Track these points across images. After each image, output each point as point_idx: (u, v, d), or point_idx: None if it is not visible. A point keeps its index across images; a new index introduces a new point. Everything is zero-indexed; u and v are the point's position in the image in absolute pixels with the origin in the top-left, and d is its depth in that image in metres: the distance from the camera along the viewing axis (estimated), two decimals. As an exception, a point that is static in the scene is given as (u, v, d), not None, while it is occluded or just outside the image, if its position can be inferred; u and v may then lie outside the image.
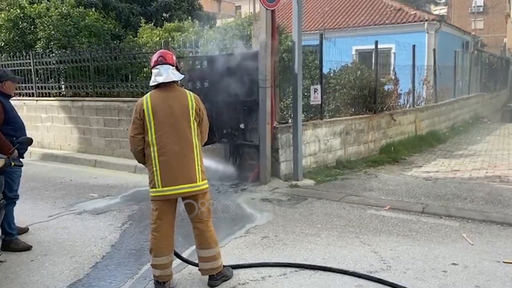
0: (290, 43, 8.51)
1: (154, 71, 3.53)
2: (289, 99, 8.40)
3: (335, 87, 9.11)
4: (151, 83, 3.54)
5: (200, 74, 7.46)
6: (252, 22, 8.24)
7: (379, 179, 7.32)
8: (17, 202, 4.65)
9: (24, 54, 10.38)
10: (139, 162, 3.62)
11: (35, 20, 10.69)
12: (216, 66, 6.85)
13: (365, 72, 9.59)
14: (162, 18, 13.30)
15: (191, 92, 3.58)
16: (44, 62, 10.15)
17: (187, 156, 3.45)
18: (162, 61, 3.50)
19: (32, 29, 10.73)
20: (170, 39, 9.56)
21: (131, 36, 11.68)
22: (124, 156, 8.88)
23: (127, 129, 8.46)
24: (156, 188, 3.46)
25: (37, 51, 10.35)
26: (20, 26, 10.79)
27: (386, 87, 9.99)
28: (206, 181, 3.56)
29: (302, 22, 7.02)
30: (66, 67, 10.18)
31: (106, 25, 11.13)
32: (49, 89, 10.32)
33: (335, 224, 5.16)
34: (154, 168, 3.43)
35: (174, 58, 3.60)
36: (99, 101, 9.37)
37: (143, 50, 9.33)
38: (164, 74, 3.46)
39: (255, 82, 6.77)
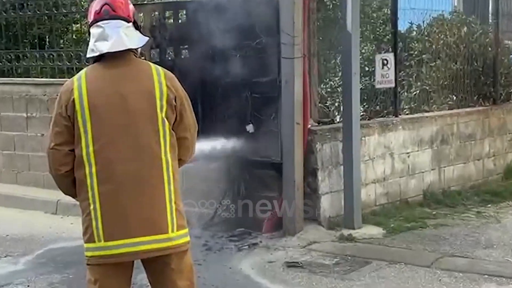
0: (337, -22, 8.52)
1: (94, 31, 3.52)
2: (337, 78, 8.36)
3: (421, 57, 9.09)
4: (89, 54, 3.55)
5: (174, 35, 7.50)
6: None
7: (504, 226, 7.24)
8: None
9: None
10: (65, 194, 3.64)
11: None
12: (203, 20, 6.89)
13: (476, 29, 9.53)
14: None
15: (159, 67, 3.57)
16: None
17: (151, 184, 3.44)
18: (108, 13, 3.49)
19: None
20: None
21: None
22: (38, 183, 8.92)
23: (43, 135, 8.56)
24: (94, 242, 3.43)
25: None
26: None
27: (514, 57, 9.95)
28: (185, 231, 3.53)
29: None
30: None
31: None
32: None
33: (422, 310, 5.12)
34: (92, 207, 3.41)
35: (130, 6, 3.60)
36: (-7, 85, 9.49)
37: (72, -8, 9.43)
38: (111, 37, 3.46)
39: (273, 49, 6.79)
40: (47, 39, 9.58)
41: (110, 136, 3.41)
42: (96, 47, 3.47)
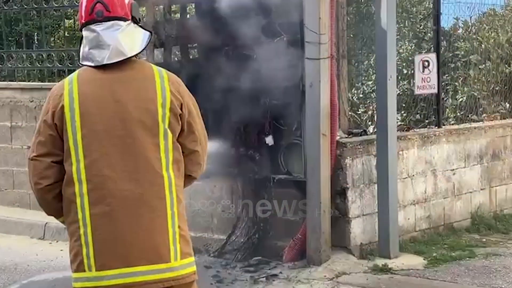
0: (370, -34, 8.52)
1: (86, 34, 3.50)
2: (370, 82, 8.34)
3: (468, 59, 9.05)
4: (83, 61, 3.53)
5: (181, 32, 7.52)
6: None
7: None
8: None
9: None
10: (48, 214, 3.62)
11: None
12: (214, 15, 6.91)
13: (533, 25, 9.51)
14: None
15: (163, 70, 3.56)
16: None
17: (151, 206, 3.42)
18: (101, 14, 3.47)
19: None
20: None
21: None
22: (23, 203, 8.95)
23: (28, 147, 8.52)
24: (84, 272, 3.43)
25: None
26: None
27: None
28: (191, 260, 3.52)
29: None
30: None
31: None
32: None
33: None
34: (82, 231, 3.41)
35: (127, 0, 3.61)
36: (-28, 90, 9.56)
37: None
38: (108, 44, 3.42)
39: (296, 49, 6.80)
40: (36, 37, 9.64)
41: (104, 150, 3.41)
42: (92, 55, 3.48)
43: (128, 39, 3.50)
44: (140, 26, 3.60)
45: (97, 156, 3.41)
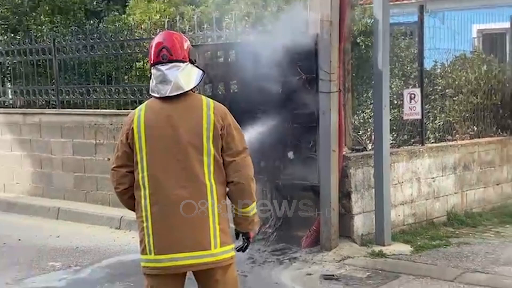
0: (369, 21, 8.51)
1: (154, 72, 3.57)
2: (368, 110, 8.34)
3: (445, 92, 9.02)
4: (152, 93, 3.61)
5: (224, 72, 7.58)
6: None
7: (522, 245, 7.13)
8: None
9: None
10: (127, 208, 3.74)
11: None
12: (251, 59, 6.95)
13: (494, 66, 9.43)
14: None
15: (210, 101, 3.61)
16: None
17: (196, 208, 3.50)
18: (166, 58, 3.53)
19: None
20: (177, 16, 9.81)
21: (116, 13, 12.08)
22: (104, 202, 9.06)
23: (109, 159, 8.65)
24: (147, 254, 3.52)
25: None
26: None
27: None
28: (229, 247, 3.54)
29: (389, -13, 7.07)
30: (14, 62, 10.56)
31: (79, -3, 11.60)
32: (-10, 96, 10.74)
33: (447, 321, 5.03)
34: (145, 224, 3.51)
35: (186, 45, 3.62)
36: (66, 115, 9.67)
37: (136, 34, 9.61)
38: (170, 81, 3.51)
39: (312, 84, 6.82)
40: (114, 76, 9.78)
41: (162, 164, 3.51)
42: (157, 89, 3.57)
43: (186, 76, 3.57)
44: (196, 66, 3.66)
45: (157, 169, 3.52)
